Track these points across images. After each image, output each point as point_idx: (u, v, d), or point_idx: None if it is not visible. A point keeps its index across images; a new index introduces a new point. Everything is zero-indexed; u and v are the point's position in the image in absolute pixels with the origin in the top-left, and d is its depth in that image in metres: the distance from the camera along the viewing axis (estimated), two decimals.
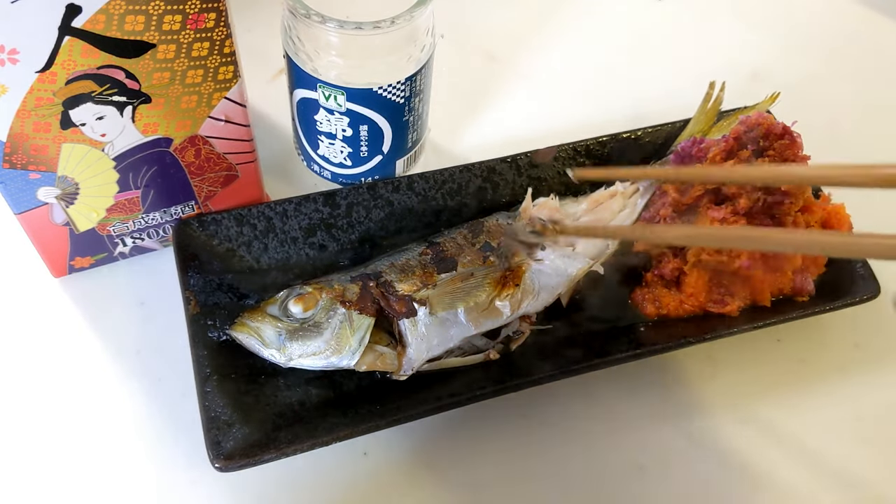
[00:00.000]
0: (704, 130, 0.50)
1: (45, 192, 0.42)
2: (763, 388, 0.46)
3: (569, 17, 0.65)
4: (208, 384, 0.40)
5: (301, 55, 0.44)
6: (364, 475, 0.42)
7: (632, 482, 0.43)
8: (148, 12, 0.36)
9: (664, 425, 0.45)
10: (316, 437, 0.39)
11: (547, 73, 0.61)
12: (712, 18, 0.65)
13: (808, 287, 0.45)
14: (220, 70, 0.40)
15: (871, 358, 0.48)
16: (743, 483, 0.43)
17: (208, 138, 0.43)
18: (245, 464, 0.38)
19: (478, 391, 0.41)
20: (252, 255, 0.46)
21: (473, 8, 0.65)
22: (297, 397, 0.42)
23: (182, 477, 0.42)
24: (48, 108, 0.37)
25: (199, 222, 0.46)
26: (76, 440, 0.43)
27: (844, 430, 0.45)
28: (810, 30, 0.65)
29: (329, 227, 0.48)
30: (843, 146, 0.57)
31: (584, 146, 0.51)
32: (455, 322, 0.42)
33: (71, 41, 0.35)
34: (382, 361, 0.42)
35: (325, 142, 0.48)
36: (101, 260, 0.48)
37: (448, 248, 0.44)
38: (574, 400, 0.45)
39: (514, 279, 0.43)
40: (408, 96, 0.46)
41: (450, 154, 0.56)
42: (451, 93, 0.58)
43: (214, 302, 0.44)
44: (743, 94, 0.53)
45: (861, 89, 0.61)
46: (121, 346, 0.46)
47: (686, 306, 0.45)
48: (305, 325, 0.41)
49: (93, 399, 0.44)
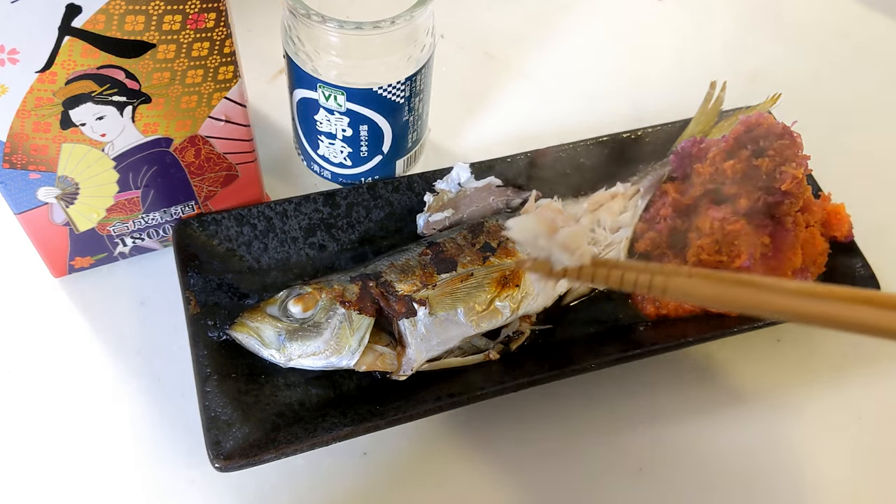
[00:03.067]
0: (705, 130, 0.50)
1: (45, 192, 0.42)
2: (763, 388, 0.46)
3: (569, 17, 0.65)
4: (208, 384, 0.40)
5: (301, 55, 0.44)
6: (364, 475, 0.42)
7: (631, 482, 0.43)
8: (148, 12, 0.36)
9: (664, 425, 0.45)
10: (316, 437, 0.39)
11: (547, 73, 0.61)
12: (712, 18, 0.65)
13: None
14: (220, 70, 0.40)
15: (871, 358, 0.48)
16: (742, 483, 0.43)
17: (208, 138, 0.43)
18: (245, 464, 0.38)
19: (478, 391, 0.41)
20: (252, 255, 0.46)
21: (473, 8, 0.65)
22: (297, 397, 0.42)
23: (182, 477, 0.42)
24: (48, 108, 0.37)
25: (199, 222, 0.46)
26: (76, 440, 0.43)
27: (844, 430, 0.45)
28: (810, 30, 0.65)
29: (329, 227, 0.48)
30: (843, 146, 0.57)
31: (584, 146, 0.51)
32: (455, 322, 0.42)
33: (71, 41, 0.35)
34: (382, 361, 0.42)
35: (325, 142, 0.48)
36: (101, 260, 0.48)
37: (448, 249, 0.44)
38: (574, 400, 0.45)
39: (514, 279, 0.43)
40: (408, 96, 0.46)
41: (450, 154, 0.56)
42: (451, 93, 0.58)
43: (214, 302, 0.44)
44: (743, 94, 0.53)
45: (861, 89, 0.61)
46: (121, 346, 0.46)
47: (686, 306, 0.45)
48: (305, 326, 0.41)
49: (93, 399, 0.44)
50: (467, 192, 0.48)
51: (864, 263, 0.46)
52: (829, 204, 0.48)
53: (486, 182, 0.48)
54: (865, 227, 0.48)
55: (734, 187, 0.44)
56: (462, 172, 0.48)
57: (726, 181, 0.44)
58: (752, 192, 0.43)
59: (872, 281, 0.46)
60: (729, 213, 0.43)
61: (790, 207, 0.44)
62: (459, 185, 0.48)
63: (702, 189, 0.45)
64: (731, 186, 0.44)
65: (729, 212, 0.44)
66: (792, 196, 0.43)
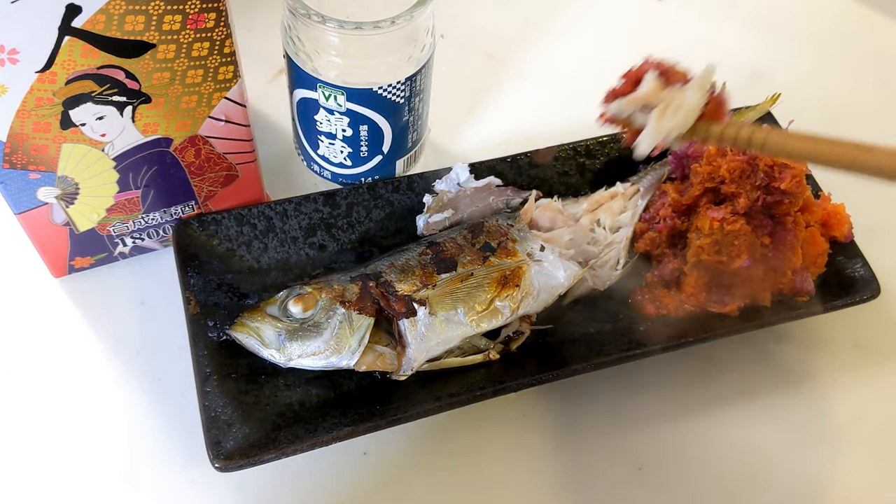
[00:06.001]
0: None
1: (45, 192, 0.42)
2: (763, 388, 0.46)
3: (569, 17, 0.65)
4: (208, 384, 0.40)
5: (301, 55, 0.44)
6: (364, 475, 0.42)
7: (631, 482, 0.43)
8: (148, 12, 0.36)
9: (664, 425, 0.45)
10: (316, 437, 0.39)
11: (547, 73, 0.61)
12: (712, 18, 0.65)
13: (808, 287, 0.45)
14: (220, 70, 0.40)
15: (871, 358, 0.48)
16: (742, 483, 0.43)
17: (208, 138, 0.43)
18: (245, 464, 0.38)
19: (478, 391, 0.41)
20: (252, 255, 0.46)
21: (473, 8, 0.65)
22: (297, 397, 0.42)
23: (182, 477, 0.42)
24: (48, 108, 0.37)
25: (199, 222, 0.46)
26: (76, 440, 0.43)
27: (844, 430, 0.45)
28: (810, 30, 0.65)
29: (329, 227, 0.48)
30: None
31: (584, 146, 0.51)
32: (455, 322, 0.42)
33: (71, 41, 0.35)
34: (382, 361, 0.42)
35: (325, 142, 0.48)
36: (101, 260, 0.48)
37: (448, 249, 0.44)
38: (574, 400, 0.45)
39: (513, 279, 0.43)
40: (408, 96, 0.46)
41: (450, 154, 0.56)
42: (451, 93, 0.58)
43: (214, 302, 0.44)
44: (743, 94, 0.52)
45: (861, 89, 0.61)
46: (121, 346, 0.46)
47: (686, 306, 0.45)
48: (305, 326, 0.41)
49: (93, 399, 0.44)
50: (467, 193, 0.48)
51: (864, 263, 0.46)
52: (829, 204, 0.48)
53: (486, 182, 0.48)
54: (865, 227, 0.48)
55: (733, 186, 0.44)
56: (461, 172, 0.48)
57: (725, 181, 0.44)
58: (751, 192, 0.43)
59: (872, 281, 0.46)
60: (728, 212, 0.44)
61: (789, 207, 0.44)
62: (458, 185, 0.48)
63: (701, 189, 0.45)
64: (729, 185, 0.44)
65: (728, 211, 0.44)
66: (791, 195, 0.43)
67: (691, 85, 0.36)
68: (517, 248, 0.44)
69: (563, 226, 0.47)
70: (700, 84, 0.35)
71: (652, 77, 0.36)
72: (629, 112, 0.37)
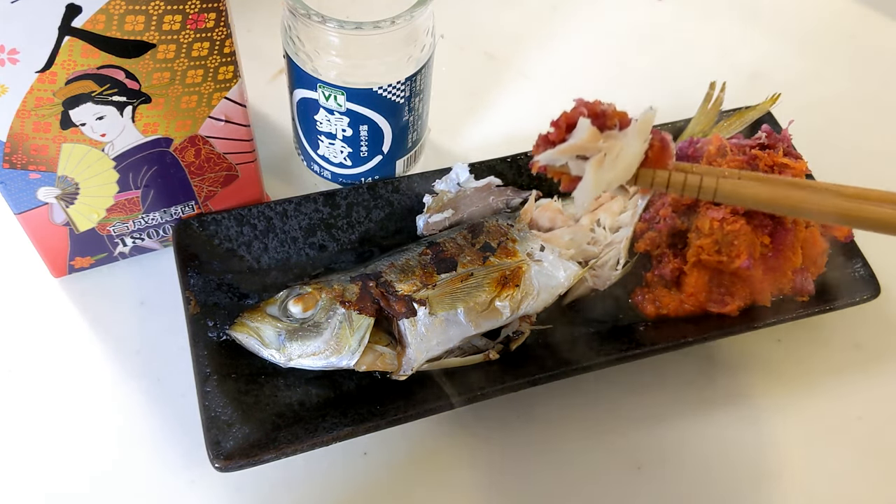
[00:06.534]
0: (705, 131, 0.50)
1: (45, 192, 0.42)
2: (763, 388, 0.46)
3: (569, 17, 0.65)
4: (208, 384, 0.40)
5: (301, 55, 0.44)
6: (364, 475, 0.42)
7: (631, 481, 0.43)
8: (148, 12, 0.36)
9: (663, 425, 0.45)
10: (316, 437, 0.39)
11: (547, 73, 0.61)
12: (712, 18, 0.65)
13: (808, 287, 0.45)
14: (220, 70, 0.40)
15: (871, 358, 0.48)
16: (742, 483, 0.43)
17: (208, 138, 0.43)
18: (245, 464, 0.38)
19: (478, 391, 0.41)
20: (252, 255, 0.46)
21: (473, 8, 0.65)
22: (297, 397, 0.42)
23: (181, 477, 0.42)
24: (48, 108, 0.37)
25: (199, 222, 0.46)
26: (76, 440, 0.43)
27: (844, 430, 0.45)
28: (810, 30, 0.65)
29: (329, 227, 0.48)
30: (843, 146, 0.57)
31: None
32: (455, 322, 0.42)
33: (71, 41, 0.35)
34: (382, 361, 0.42)
35: (325, 142, 0.48)
36: (101, 260, 0.48)
37: (448, 249, 0.44)
38: (574, 400, 0.45)
39: (513, 279, 0.43)
40: (408, 96, 0.46)
41: (450, 154, 0.56)
42: (451, 93, 0.58)
43: (214, 302, 0.44)
44: (743, 94, 0.52)
45: (861, 89, 0.61)
46: (121, 346, 0.46)
47: (686, 306, 0.45)
48: (305, 326, 0.41)
49: (92, 399, 0.44)
50: (467, 193, 0.48)
51: (864, 263, 0.46)
52: None
53: (486, 182, 0.48)
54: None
55: None
56: (461, 172, 0.48)
57: None
58: None
59: (872, 281, 0.46)
60: (728, 212, 0.44)
61: None
62: (458, 185, 0.48)
63: None
64: None
65: (728, 211, 0.44)
66: None
67: (630, 131, 0.32)
68: (517, 248, 0.44)
69: (563, 226, 0.47)
70: (640, 129, 0.32)
71: (586, 123, 0.32)
72: (563, 162, 0.32)
